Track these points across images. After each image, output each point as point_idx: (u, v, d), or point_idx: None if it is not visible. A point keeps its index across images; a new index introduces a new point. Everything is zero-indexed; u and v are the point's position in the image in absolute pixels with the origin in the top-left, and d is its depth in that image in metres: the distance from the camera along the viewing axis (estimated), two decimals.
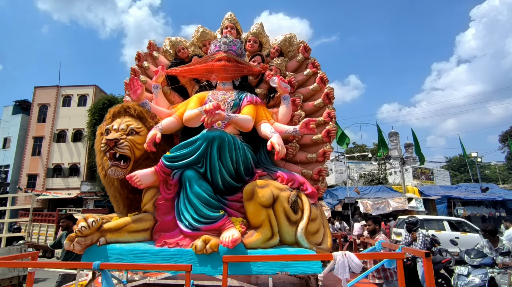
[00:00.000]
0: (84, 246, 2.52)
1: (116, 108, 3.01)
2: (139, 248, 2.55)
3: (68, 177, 24.27)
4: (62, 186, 23.89)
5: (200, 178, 2.69)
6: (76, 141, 24.80)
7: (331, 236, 2.94)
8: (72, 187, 23.52)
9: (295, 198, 2.70)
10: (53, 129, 25.05)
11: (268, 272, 2.42)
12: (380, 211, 16.06)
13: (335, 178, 25.97)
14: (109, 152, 2.74)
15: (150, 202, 2.82)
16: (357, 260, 2.11)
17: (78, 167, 24.36)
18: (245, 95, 3.29)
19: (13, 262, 2.92)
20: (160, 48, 3.99)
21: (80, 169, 24.25)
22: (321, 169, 3.36)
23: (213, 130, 2.73)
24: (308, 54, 3.76)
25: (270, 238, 2.59)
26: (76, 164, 24.39)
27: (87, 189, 22.64)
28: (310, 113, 3.58)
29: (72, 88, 25.92)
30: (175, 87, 3.66)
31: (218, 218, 2.58)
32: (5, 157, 26.07)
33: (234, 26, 3.79)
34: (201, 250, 2.41)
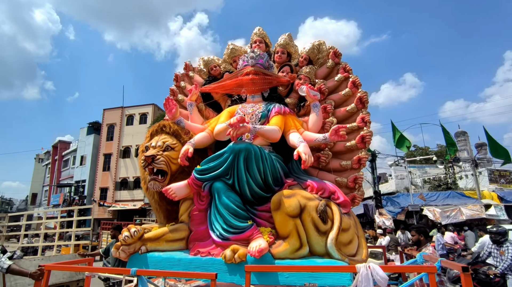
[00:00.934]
0: (128, 254, 2.80)
1: (154, 127, 3.32)
2: (175, 256, 2.74)
3: (133, 189, 26.57)
4: (128, 197, 26.25)
5: (229, 189, 2.82)
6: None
7: (367, 247, 2.82)
8: (137, 199, 25.67)
9: (324, 207, 2.66)
10: (119, 147, 27.81)
11: (296, 283, 2.43)
12: (451, 219, 14.53)
13: (395, 184, 24.31)
14: (148, 167, 3.02)
15: (185, 213, 3.03)
16: (382, 273, 2.01)
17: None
18: (273, 106, 3.37)
19: (69, 267, 3.37)
20: (195, 68, 4.28)
21: None
22: (357, 176, 3.26)
23: (240, 143, 2.85)
24: (339, 60, 3.71)
25: (298, 249, 2.59)
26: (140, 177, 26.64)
27: None
28: (342, 119, 3.51)
29: (134, 108, 28.59)
30: (210, 103, 3.89)
31: (246, 228, 2.66)
32: (82, 173, 29.60)
33: (262, 40, 3.92)
34: (230, 259, 2.52)
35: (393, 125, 19.35)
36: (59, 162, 35.54)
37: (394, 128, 19.28)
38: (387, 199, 18.57)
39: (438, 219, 14.66)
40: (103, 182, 27.72)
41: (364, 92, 3.44)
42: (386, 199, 18.42)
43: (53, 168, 36.99)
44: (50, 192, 35.44)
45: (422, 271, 2.14)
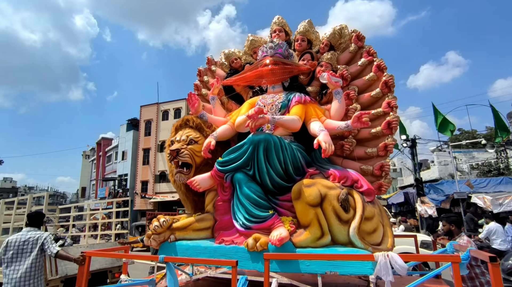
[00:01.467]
0: (158, 242, 2.99)
1: (178, 122, 3.46)
2: (201, 245, 2.89)
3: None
4: (167, 190, 27.48)
5: (250, 180, 2.89)
6: None
7: (393, 235, 2.76)
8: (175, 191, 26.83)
9: (345, 196, 2.64)
10: (156, 141, 29.05)
11: (317, 271, 2.46)
12: (504, 207, 13.45)
13: (438, 171, 22.98)
14: (173, 160, 3.18)
15: (210, 203, 3.16)
16: (401, 262, 1.97)
17: None
18: (293, 96, 3.36)
19: (108, 253, 3.69)
20: (217, 62, 4.36)
21: None
22: (383, 163, 3.16)
23: (259, 133, 2.89)
24: (362, 43, 3.58)
25: (319, 238, 2.60)
26: None
27: None
28: (367, 105, 3.42)
29: (169, 104, 29.58)
30: (232, 95, 3.97)
31: (268, 217, 2.73)
32: (124, 167, 31.43)
33: (282, 29, 3.88)
34: (252, 248, 2.60)
35: (435, 108, 18.20)
36: (103, 157, 38.07)
37: (436, 111, 18.13)
38: (429, 186, 17.64)
39: (489, 207, 13.66)
40: (143, 175, 29.23)
41: (389, 75, 3.30)
42: (429, 187, 17.50)
43: (98, 163, 39.71)
44: (96, 185, 38.14)
45: (444, 261, 2.07)
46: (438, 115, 18.16)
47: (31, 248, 3.26)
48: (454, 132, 21.11)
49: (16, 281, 3.13)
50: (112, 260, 4.94)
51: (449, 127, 18.19)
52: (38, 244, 3.29)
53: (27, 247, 3.24)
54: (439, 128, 18.21)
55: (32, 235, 3.32)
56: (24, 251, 3.23)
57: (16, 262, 3.20)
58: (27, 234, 3.33)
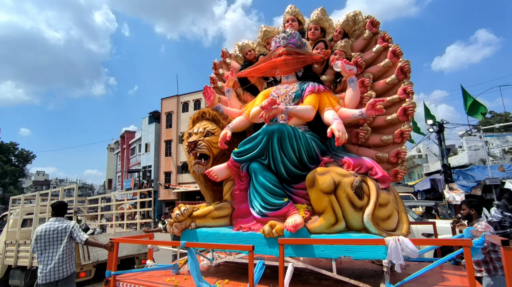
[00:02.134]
0: (180, 229, 3.19)
1: (195, 115, 3.62)
2: (220, 231, 3.06)
3: None
4: (190, 180, 28.18)
5: (265, 169, 3.00)
6: None
7: (408, 222, 2.80)
8: None
9: (359, 183, 2.70)
10: (177, 133, 29.72)
11: (331, 256, 2.56)
12: None
13: (468, 156, 22.18)
14: (191, 152, 3.34)
15: (228, 193, 3.32)
16: (412, 246, 2.03)
17: None
18: (306, 85, 3.41)
19: (132, 240, 3.96)
20: (231, 54, 4.44)
21: None
22: (399, 150, 3.18)
23: (272, 124, 2.98)
24: (377, 29, 3.55)
25: (334, 224, 2.69)
26: None
27: None
28: (382, 92, 3.41)
29: (188, 95, 30.06)
30: (247, 87, 4.06)
31: (283, 205, 2.84)
32: (147, 159, 32.48)
33: (295, 18, 3.90)
34: (268, 234, 2.74)
35: (464, 90, 17.43)
36: (127, 150, 39.46)
37: (465, 93, 17.36)
38: (458, 172, 17.09)
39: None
40: (166, 167, 30.11)
41: (405, 61, 3.28)
42: (458, 173, 16.96)
43: (122, 156, 41.22)
44: (122, 177, 39.68)
45: (455, 245, 2.10)
46: (467, 98, 17.39)
47: (61, 237, 3.56)
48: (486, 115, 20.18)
49: (51, 267, 3.46)
50: (138, 247, 5.27)
51: (480, 110, 17.39)
52: (67, 232, 3.59)
53: (57, 236, 3.55)
54: (469, 111, 17.47)
55: (60, 224, 3.62)
56: (54, 239, 3.54)
57: (49, 250, 3.51)
58: (54, 223, 3.63)
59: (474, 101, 17.35)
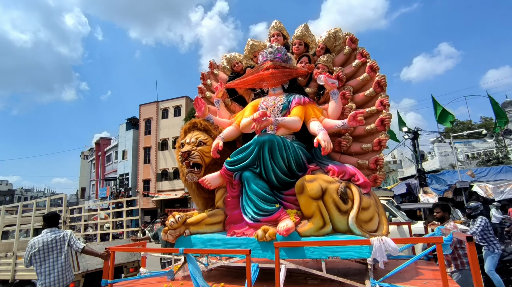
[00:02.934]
0: (174, 237, 3.31)
1: (186, 125, 3.76)
2: (214, 237, 3.21)
3: (173, 179, 28.16)
4: (169, 187, 27.89)
5: (257, 177, 3.20)
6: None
7: (387, 223, 3.08)
8: (178, 188, 27.22)
9: (344, 189, 2.95)
10: (157, 140, 29.39)
11: (321, 257, 2.78)
12: (506, 195, 13.87)
13: (439, 161, 23.44)
14: (184, 161, 3.49)
15: (220, 200, 3.48)
16: (393, 244, 2.29)
17: None
18: (293, 97, 3.65)
19: (129, 248, 4.02)
20: (219, 65, 4.63)
21: None
22: (378, 157, 3.47)
23: (263, 134, 3.19)
24: (356, 45, 3.86)
25: (322, 227, 2.91)
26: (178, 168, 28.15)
27: None
28: (362, 104, 3.71)
29: (168, 102, 29.87)
30: (235, 98, 4.26)
31: (274, 210, 3.04)
32: (125, 166, 31.78)
33: (280, 33, 4.16)
34: (261, 238, 2.92)
35: (434, 99, 18.52)
36: (102, 157, 38.34)
37: (435, 102, 18.47)
38: (431, 176, 18.04)
39: (491, 195, 14.05)
40: (145, 174, 29.61)
41: (382, 76, 3.59)
42: (431, 177, 17.90)
43: (97, 163, 39.99)
44: (97, 186, 38.49)
45: (429, 242, 2.38)
46: (437, 107, 18.49)
47: (60, 246, 3.59)
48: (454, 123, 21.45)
49: (54, 276, 3.49)
50: (127, 256, 5.28)
51: (448, 118, 18.53)
52: (66, 241, 3.63)
53: (56, 246, 3.57)
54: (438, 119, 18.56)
55: (56, 234, 3.64)
56: (54, 249, 3.56)
57: (48, 260, 3.52)
58: (50, 234, 3.64)
59: (444, 110, 18.47)
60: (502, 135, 20.46)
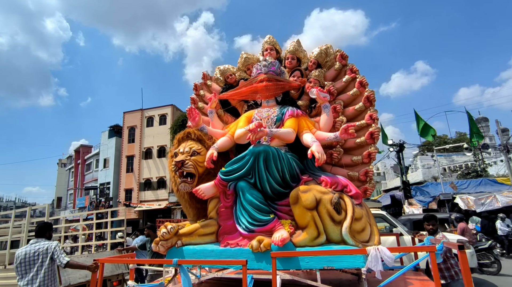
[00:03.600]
0: (166, 248, 3.28)
1: (180, 135, 3.78)
2: (208, 248, 3.20)
3: (157, 189, 27.65)
4: (152, 197, 27.33)
5: (252, 187, 3.24)
6: (161, 157, 28.15)
7: (379, 233, 3.18)
8: (161, 199, 26.73)
9: (338, 199, 3.03)
10: (141, 148, 28.87)
11: (316, 267, 2.83)
12: (486, 206, 14.40)
13: (422, 174, 24.18)
14: (178, 171, 3.49)
15: (213, 210, 3.49)
16: (389, 253, 2.37)
17: (164, 179, 27.59)
18: (286, 110, 3.75)
19: (120, 260, 3.94)
20: (212, 77, 4.70)
21: (166, 181, 27.44)
22: (368, 170, 3.59)
23: (259, 145, 3.25)
24: (346, 61, 4.02)
25: (316, 237, 2.97)
26: (163, 177, 27.65)
27: (174, 199, 25.44)
28: (351, 117, 3.84)
29: (153, 110, 29.52)
30: (228, 109, 4.32)
31: (269, 221, 3.08)
32: (106, 175, 31.00)
33: (273, 47, 4.28)
34: (256, 249, 2.94)
35: (417, 114, 19.23)
36: (82, 165, 37.23)
37: (417, 117, 19.18)
38: (415, 188, 18.56)
39: (472, 207, 14.56)
40: (127, 183, 28.94)
41: (371, 91, 3.75)
42: (415, 189, 18.41)
43: (76, 172, 38.76)
44: (75, 195, 37.25)
45: (423, 251, 2.48)
46: (420, 121, 19.22)
47: (41, 259, 3.43)
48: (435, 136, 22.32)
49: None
50: (111, 268, 5.14)
51: (430, 132, 19.27)
52: (48, 254, 3.47)
53: (37, 259, 3.42)
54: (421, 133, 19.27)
55: (41, 246, 3.51)
56: (35, 262, 3.41)
57: (29, 273, 3.37)
58: (35, 245, 3.52)
59: (425, 124, 19.21)
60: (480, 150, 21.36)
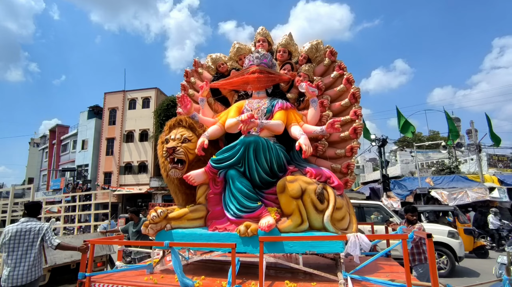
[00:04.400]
0: (155, 231, 3.41)
1: (171, 121, 3.87)
2: (196, 232, 3.36)
3: (137, 173, 27.41)
4: (133, 182, 27.11)
5: (241, 175, 3.40)
6: (143, 140, 27.81)
7: (356, 222, 3.44)
8: (142, 183, 26.56)
9: (321, 190, 3.25)
10: (122, 131, 28.38)
11: (299, 251, 3.05)
12: (458, 201, 15.41)
13: (400, 168, 25.21)
14: (169, 157, 3.60)
15: (202, 196, 3.64)
16: (367, 240, 2.62)
17: (146, 164, 27.36)
18: (276, 102, 3.90)
19: (110, 241, 4.05)
20: (203, 64, 4.77)
21: (148, 166, 27.22)
22: (349, 163, 3.83)
23: (249, 136, 3.40)
24: (335, 58, 4.19)
25: (300, 224, 3.19)
26: (144, 162, 27.41)
27: (156, 184, 25.38)
28: (337, 113, 4.04)
29: (136, 92, 28.91)
30: (218, 98, 4.42)
31: (256, 208, 3.27)
32: (84, 157, 30.37)
33: (265, 39, 4.39)
34: (243, 234, 3.12)
35: (399, 111, 19.94)
36: (57, 146, 36.01)
37: (399, 114, 19.90)
38: (394, 182, 19.42)
39: (446, 201, 15.55)
40: (106, 167, 28.51)
41: (357, 88, 3.95)
42: (394, 183, 19.25)
43: (51, 152, 37.44)
44: (49, 176, 36.15)
45: (396, 239, 2.74)
46: (401, 118, 19.96)
47: (33, 239, 3.49)
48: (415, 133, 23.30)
49: (21, 269, 3.38)
50: (96, 250, 5.21)
51: (410, 129, 20.09)
52: (40, 235, 3.54)
53: (28, 238, 3.48)
54: (401, 129, 20.05)
55: (32, 225, 3.55)
56: (25, 241, 3.46)
57: (17, 252, 3.41)
58: (27, 224, 3.56)
59: (406, 121, 19.97)
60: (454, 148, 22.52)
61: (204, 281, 3.09)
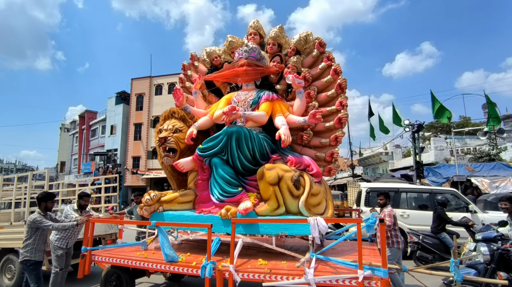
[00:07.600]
0: (149, 212, 3.94)
1: (165, 113, 4.35)
2: (184, 214, 3.86)
3: None
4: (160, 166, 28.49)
5: (224, 163, 3.82)
6: None
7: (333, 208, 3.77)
8: None
9: (298, 177, 3.59)
10: (149, 116, 29.65)
11: (272, 233, 3.46)
12: (500, 190, 14.77)
13: (434, 155, 24.41)
14: (161, 146, 4.10)
15: (192, 182, 4.12)
16: (324, 223, 2.96)
17: None
18: (263, 94, 4.23)
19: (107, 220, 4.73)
20: (199, 58, 5.15)
21: None
22: (333, 151, 4.11)
23: (232, 126, 3.79)
24: (324, 49, 4.40)
25: (276, 208, 3.56)
26: None
27: None
28: (324, 103, 4.29)
29: (162, 78, 29.86)
30: (212, 89, 4.83)
31: (237, 193, 3.69)
32: (114, 142, 32.14)
33: (257, 32, 4.67)
34: (224, 216, 3.56)
35: (433, 95, 19.13)
36: (87, 131, 38.05)
37: (434, 99, 19.10)
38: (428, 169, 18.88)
39: (487, 190, 14.92)
40: (135, 151, 30.06)
41: (343, 79, 4.17)
42: (428, 170, 18.75)
43: (81, 137, 39.70)
44: (79, 160, 38.44)
45: (350, 222, 3.05)
46: (435, 103, 19.15)
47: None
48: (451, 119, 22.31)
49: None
50: (105, 228, 5.95)
51: (445, 114, 19.22)
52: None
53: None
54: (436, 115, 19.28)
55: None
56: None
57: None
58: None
59: (441, 106, 19.14)
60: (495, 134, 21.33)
61: (188, 257, 3.59)
